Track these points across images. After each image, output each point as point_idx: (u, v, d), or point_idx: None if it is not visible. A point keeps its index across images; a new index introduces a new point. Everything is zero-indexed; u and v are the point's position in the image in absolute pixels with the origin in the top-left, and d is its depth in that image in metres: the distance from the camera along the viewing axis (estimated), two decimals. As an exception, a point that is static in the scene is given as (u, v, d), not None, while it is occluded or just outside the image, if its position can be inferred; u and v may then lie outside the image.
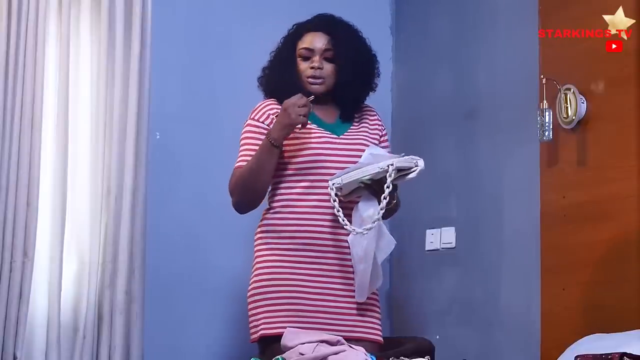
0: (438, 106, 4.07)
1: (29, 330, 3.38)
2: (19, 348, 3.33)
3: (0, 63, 3.38)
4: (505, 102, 3.76)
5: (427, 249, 4.02)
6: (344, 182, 3.08)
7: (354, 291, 3.17)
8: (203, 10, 3.95)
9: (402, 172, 3.06)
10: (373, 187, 3.08)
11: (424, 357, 2.96)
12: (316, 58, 3.25)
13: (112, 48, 3.55)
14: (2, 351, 3.32)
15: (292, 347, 2.92)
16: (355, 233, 3.06)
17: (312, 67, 3.24)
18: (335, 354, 2.88)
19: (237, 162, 3.22)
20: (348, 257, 3.16)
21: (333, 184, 3.09)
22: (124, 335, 3.48)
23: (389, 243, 3.17)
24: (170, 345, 3.74)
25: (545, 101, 3.39)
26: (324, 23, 3.32)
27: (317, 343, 2.91)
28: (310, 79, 3.24)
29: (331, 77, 3.26)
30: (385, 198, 3.02)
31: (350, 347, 2.94)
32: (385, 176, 3.02)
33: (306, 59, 3.26)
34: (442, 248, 3.96)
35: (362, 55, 3.32)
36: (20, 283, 3.34)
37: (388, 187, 3.01)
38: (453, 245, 3.92)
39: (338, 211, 3.06)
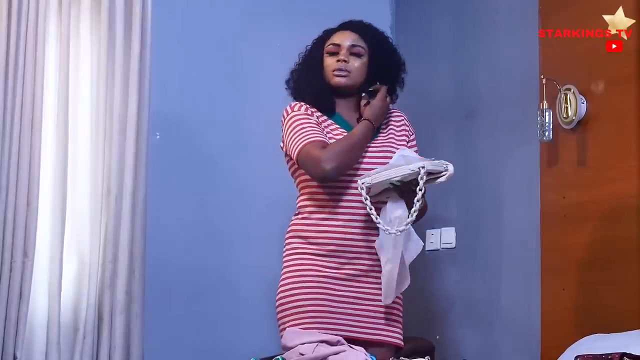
0: (438, 106, 4.07)
1: (29, 330, 3.38)
2: (19, 348, 3.33)
3: (0, 63, 3.38)
4: (505, 102, 3.76)
5: (427, 249, 4.01)
6: (373, 182, 3.05)
7: (380, 295, 3.16)
8: (203, 10, 3.95)
9: (431, 175, 3.03)
10: (401, 189, 3.06)
11: (424, 357, 2.95)
12: (343, 52, 3.25)
13: (112, 48, 3.55)
14: (2, 351, 3.31)
15: (292, 347, 2.92)
16: (388, 233, 3.04)
17: (338, 60, 3.24)
18: (336, 354, 2.88)
19: (305, 139, 3.14)
20: (377, 261, 3.15)
21: (363, 183, 3.06)
22: (124, 335, 3.48)
23: (417, 245, 3.14)
24: (170, 345, 3.74)
25: (545, 101, 3.38)
26: (353, 23, 3.33)
27: (317, 343, 2.91)
28: (335, 72, 3.24)
29: (357, 72, 3.25)
30: (418, 200, 2.99)
31: (350, 347, 2.94)
32: (415, 178, 3.00)
33: (333, 54, 3.27)
34: (442, 248, 3.96)
35: (392, 56, 3.34)
36: (20, 283, 3.34)
37: (420, 189, 2.98)
38: (453, 245, 3.92)
39: (370, 209, 3.04)
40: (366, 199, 3.05)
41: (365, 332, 3.12)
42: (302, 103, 3.26)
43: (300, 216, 3.22)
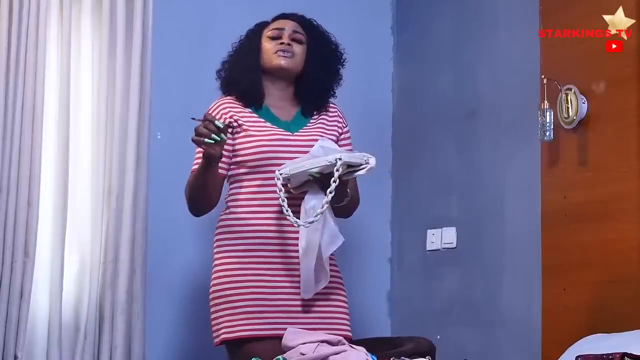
0: (439, 106, 4.07)
1: (30, 330, 3.38)
2: (20, 348, 3.33)
3: (1, 62, 3.38)
4: (506, 102, 3.76)
5: (428, 249, 4.02)
6: (291, 172, 3.01)
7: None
8: (204, 10, 3.95)
9: (351, 167, 2.99)
10: (322, 180, 3.02)
11: (424, 357, 2.96)
12: (286, 35, 3.24)
13: (113, 47, 3.55)
14: (3, 351, 3.32)
15: (292, 347, 2.92)
16: (297, 225, 3.01)
17: (281, 43, 3.22)
18: (337, 353, 2.88)
19: (193, 164, 3.19)
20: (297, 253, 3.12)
21: (280, 174, 3.03)
22: (125, 335, 3.48)
23: (335, 239, 3.09)
24: (171, 345, 3.75)
25: (546, 101, 3.39)
26: (292, 14, 3.32)
27: (317, 343, 2.91)
28: (278, 53, 3.21)
29: (299, 58, 3.24)
30: (331, 192, 2.95)
31: (351, 346, 2.94)
32: (333, 170, 2.95)
33: (275, 38, 3.25)
34: (443, 248, 3.96)
35: (331, 49, 3.32)
36: (21, 283, 3.34)
37: (335, 181, 2.93)
38: (454, 245, 3.92)
39: (283, 201, 3.00)
40: (280, 190, 3.01)
41: (304, 329, 3.05)
42: (225, 100, 3.24)
43: (227, 211, 3.20)
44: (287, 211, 3.00)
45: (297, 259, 3.12)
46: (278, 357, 2.87)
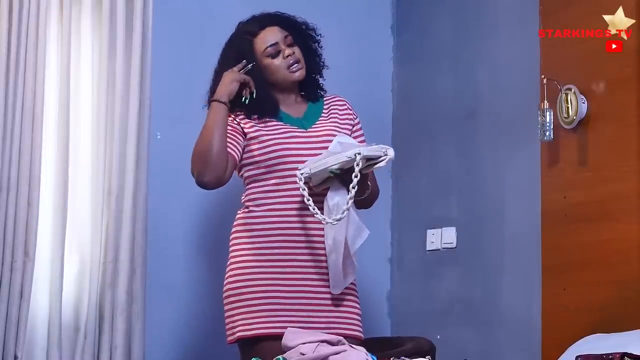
0: (439, 106, 4.07)
1: (30, 330, 3.38)
2: (19, 348, 3.33)
3: (1, 63, 3.38)
4: (506, 102, 3.77)
5: (428, 249, 4.02)
6: (312, 171, 3.02)
7: (329, 285, 3.14)
8: (204, 9, 3.96)
9: (371, 160, 3.00)
10: (342, 177, 3.03)
11: (424, 357, 2.96)
12: (284, 46, 3.23)
13: (113, 48, 3.55)
14: (3, 351, 3.32)
15: (292, 347, 2.92)
16: (325, 222, 3.02)
17: (287, 56, 3.22)
18: (337, 353, 2.88)
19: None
20: (321, 250, 3.12)
21: (302, 174, 3.03)
22: (125, 335, 3.48)
23: (361, 232, 3.10)
24: (171, 345, 3.75)
25: (546, 101, 3.39)
26: (266, 20, 3.30)
27: (317, 343, 2.91)
28: (293, 67, 3.21)
29: (303, 58, 3.25)
30: (353, 187, 2.96)
31: (351, 346, 2.94)
32: (354, 165, 2.97)
33: (276, 54, 3.23)
34: (443, 248, 3.96)
35: (306, 29, 3.32)
36: (21, 283, 3.34)
37: (356, 176, 2.95)
38: (454, 245, 3.93)
39: (308, 200, 3.01)
40: (303, 189, 3.01)
41: (317, 327, 3.06)
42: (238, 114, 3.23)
43: (245, 210, 3.20)
44: (314, 209, 3.01)
45: (316, 256, 3.12)
46: (278, 357, 2.87)
